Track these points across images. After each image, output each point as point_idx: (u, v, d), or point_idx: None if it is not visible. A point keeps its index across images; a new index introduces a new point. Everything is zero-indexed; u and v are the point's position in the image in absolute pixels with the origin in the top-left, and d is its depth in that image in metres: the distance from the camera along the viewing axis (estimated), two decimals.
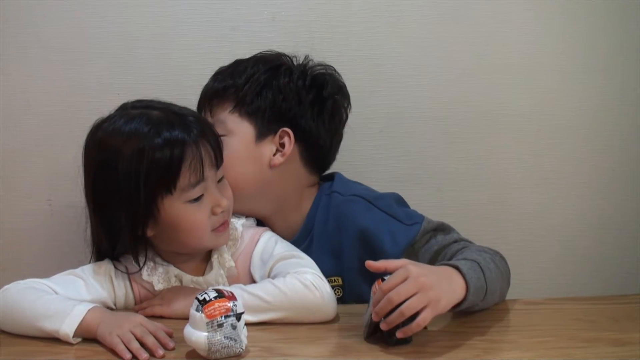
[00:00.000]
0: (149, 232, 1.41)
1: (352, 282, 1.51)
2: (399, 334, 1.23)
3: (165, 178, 1.36)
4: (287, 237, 1.53)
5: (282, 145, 1.53)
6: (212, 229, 1.42)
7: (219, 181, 1.44)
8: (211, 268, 1.48)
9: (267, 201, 1.55)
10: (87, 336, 1.30)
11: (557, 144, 1.80)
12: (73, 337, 1.29)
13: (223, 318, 1.19)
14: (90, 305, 1.33)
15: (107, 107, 1.48)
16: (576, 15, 1.76)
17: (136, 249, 1.43)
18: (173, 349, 1.26)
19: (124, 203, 1.37)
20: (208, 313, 1.19)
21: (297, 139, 1.53)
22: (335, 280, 1.52)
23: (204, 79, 1.58)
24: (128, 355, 1.24)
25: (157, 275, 1.46)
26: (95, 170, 1.41)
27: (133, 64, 1.73)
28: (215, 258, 1.49)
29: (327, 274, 1.42)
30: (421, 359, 1.22)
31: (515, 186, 1.81)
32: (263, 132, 1.52)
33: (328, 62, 1.60)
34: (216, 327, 1.19)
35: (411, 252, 1.45)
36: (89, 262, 1.48)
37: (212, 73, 1.59)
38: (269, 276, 1.43)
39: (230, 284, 1.47)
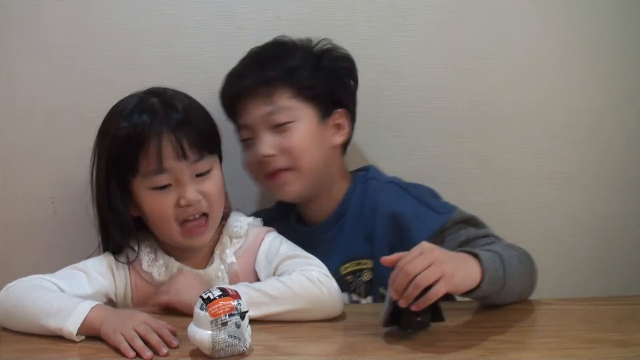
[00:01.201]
0: (133, 212, 1.46)
1: (382, 265, 1.52)
2: (414, 307, 1.22)
3: (124, 158, 1.42)
4: (319, 218, 1.60)
5: (338, 125, 1.58)
6: (179, 221, 1.44)
7: (201, 175, 1.45)
8: (212, 262, 1.49)
9: (323, 181, 1.59)
10: (91, 334, 1.30)
11: (560, 144, 1.79)
12: (77, 334, 1.29)
13: (227, 317, 1.19)
14: (94, 303, 1.33)
15: (112, 105, 1.48)
16: (579, 15, 1.75)
17: (124, 228, 1.46)
18: (177, 347, 1.27)
19: (102, 176, 1.45)
20: (212, 311, 1.19)
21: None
22: (365, 263, 1.55)
23: (208, 78, 1.59)
24: (132, 354, 1.24)
25: (157, 267, 1.48)
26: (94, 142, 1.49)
27: (138, 63, 1.73)
28: (217, 253, 1.50)
29: (359, 256, 1.53)
30: (426, 359, 1.21)
31: (518, 186, 1.81)
32: (323, 113, 1.57)
33: None
34: (220, 325, 1.19)
35: (440, 238, 1.46)
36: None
37: (216, 72, 1.60)
38: (274, 275, 1.43)
39: (231, 280, 1.48)
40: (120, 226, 1.47)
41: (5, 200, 1.77)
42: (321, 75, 1.57)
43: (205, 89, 1.56)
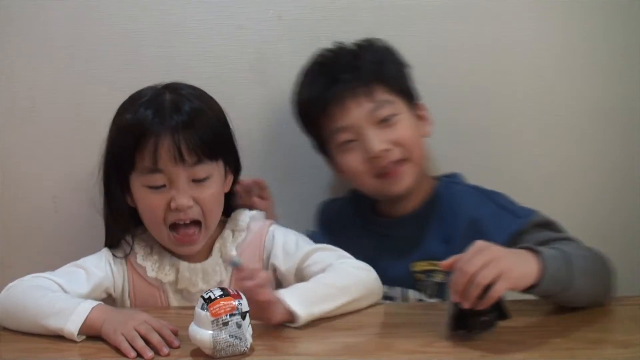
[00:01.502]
0: (130, 201, 1.46)
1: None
2: (481, 306, 1.20)
3: (123, 150, 1.42)
4: (398, 213, 1.60)
5: (420, 117, 1.61)
6: (169, 224, 1.43)
7: (198, 181, 1.43)
8: (211, 256, 1.49)
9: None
10: (92, 334, 1.30)
11: (559, 144, 1.80)
12: (77, 334, 1.29)
13: (228, 316, 1.19)
14: (95, 303, 1.33)
15: (112, 105, 1.50)
16: (579, 15, 1.75)
17: (121, 218, 1.47)
18: (178, 347, 1.26)
19: (105, 164, 1.46)
20: (213, 311, 1.19)
21: None
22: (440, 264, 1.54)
23: (209, 77, 1.59)
24: (133, 354, 1.24)
25: (152, 262, 1.49)
26: None
27: (138, 63, 1.73)
28: (217, 247, 1.50)
29: (434, 257, 1.49)
30: (426, 359, 1.21)
31: (517, 186, 1.80)
32: (410, 106, 1.59)
33: None
34: (221, 325, 1.19)
35: (518, 241, 1.43)
36: None
37: (216, 72, 1.61)
38: (301, 265, 1.44)
39: (231, 274, 1.48)
40: (116, 217, 1.47)
41: (6, 199, 1.77)
42: (398, 68, 1.60)
43: (205, 89, 1.55)
